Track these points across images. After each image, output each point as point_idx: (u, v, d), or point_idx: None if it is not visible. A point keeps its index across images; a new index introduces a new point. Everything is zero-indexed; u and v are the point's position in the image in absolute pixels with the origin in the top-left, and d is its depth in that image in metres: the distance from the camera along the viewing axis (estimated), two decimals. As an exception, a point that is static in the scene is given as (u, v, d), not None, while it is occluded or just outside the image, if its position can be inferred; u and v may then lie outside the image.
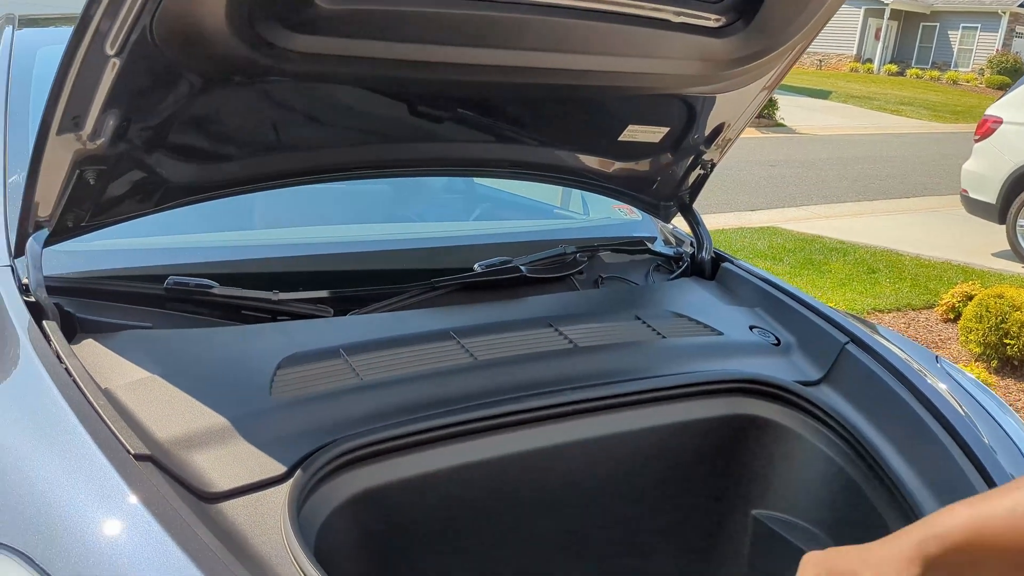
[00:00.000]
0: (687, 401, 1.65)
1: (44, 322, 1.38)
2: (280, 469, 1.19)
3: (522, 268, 1.87)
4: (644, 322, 1.79)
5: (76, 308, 1.52)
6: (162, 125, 1.41)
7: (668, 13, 1.61)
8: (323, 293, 1.65)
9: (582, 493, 1.55)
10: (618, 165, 2.09)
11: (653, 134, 2.03)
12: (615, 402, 1.56)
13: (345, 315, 1.64)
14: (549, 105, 1.88)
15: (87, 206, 1.48)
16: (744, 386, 1.66)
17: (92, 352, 1.40)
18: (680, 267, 2.22)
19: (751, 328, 1.90)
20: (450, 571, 1.41)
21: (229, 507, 1.12)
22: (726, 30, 1.67)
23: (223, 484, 1.15)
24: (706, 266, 2.18)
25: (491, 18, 1.48)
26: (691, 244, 2.26)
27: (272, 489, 1.16)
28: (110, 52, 1.21)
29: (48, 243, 1.51)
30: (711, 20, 1.65)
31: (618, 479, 1.59)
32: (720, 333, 1.83)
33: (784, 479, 1.68)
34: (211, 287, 1.59)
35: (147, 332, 1.48)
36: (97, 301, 1.56)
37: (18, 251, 1.51)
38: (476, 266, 1.85)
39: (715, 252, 2.23)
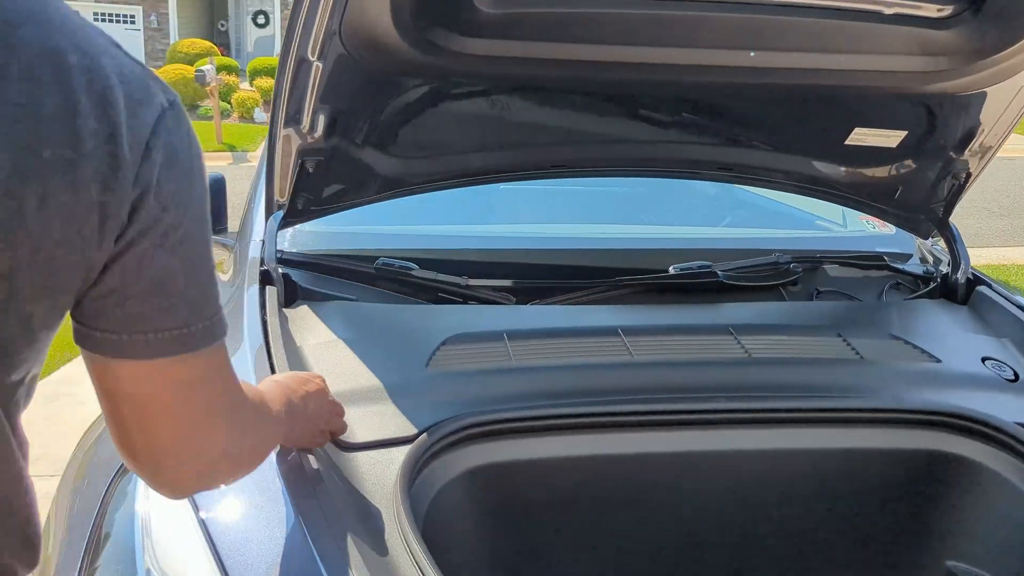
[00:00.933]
0: (874, 428, 1.50)
1: (267, 287, 1.64)
2: (412, 431, 1.30)
3: (719, 273, 1.82)
4: (845, 340, 1.65)
5: (302, 279, 1.78)
6: (367, 122, 1.60)
7: (880, 5, 1.48)
8: (508, 282, 1.75)
9: (736, 505, 1.48)
10: (848, 170, 1.93)
11: (887, 138, 1.85)
12: (781, 416, 1.46)
13: (526, 304, 1.73)
14: (761, 106, 1.81)
15: (312, 192, 1.72)
16: (947, 420, 1.47)
17: (301, 315, 1.62)
18: (925, 287, 2.00)
19: (983, 360, 1.67)
20: (564, 560, 1.42)
21: (361, 457, 1.25)
22: (951, 20, 1.49)
23: (360, 437, 1.28)
24: (959, 288, 1.94)
25: (670, 17, 1.48)
26: (947, 264, 2.02)
27: (400, 448, 1.27)
28: (312, 57, 1.41)
29: (284, 222, 1.78)
30: (932, 10, 1.48)
31: (781, 498, 1.49)
32: (938, 360, 1.63)
33: (991, 533, 1.46)
34: (411, 269, 1.77)
35: (349, 303, 1.69)
36: (320, 275, 1.81)
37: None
38: (671, 268, 1.84)
39: (972, 273, 1.97)
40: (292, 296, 1.71)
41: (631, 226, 2.26)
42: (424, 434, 1.27)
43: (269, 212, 1.78)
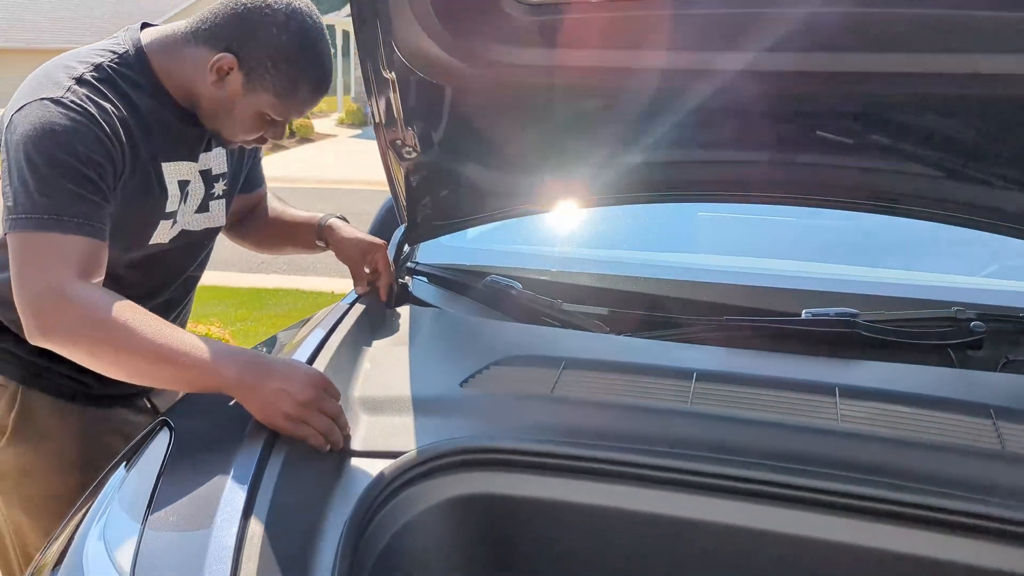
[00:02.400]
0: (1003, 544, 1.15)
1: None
2: (410, 447, 1.27)
3: (860, 323, 1.53)
4: (995, 424, 1.30)
5: (424, 289, 1.84)
6: (458, 137, 1.61)
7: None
8: (603, 311, 1.64)
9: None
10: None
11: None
12: (871, 507, 1.19)
13: (618, 335, 1.61)
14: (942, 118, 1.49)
15: (426, 207, 1.77)
16: None
17: (391, 319, 1.68)
18: None
19: None
20: None
21: (355, 463, 1.26)
22: None
23: (359, 444, 1.29)
24: None
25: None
26: None
27: (385, 461, 1.25)
28: (387, 73, 1.46)
29: (409, 235, 1.86)
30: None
31: None
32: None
33: None
34: (513, 288, 1.74)
35: (442, 313, 1.71)
36: (439, 287, 1.86)
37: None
38: (804, 313, 1.59)
39: None
40: (401, 301, 1.78)
41: (766, 260, 1.98)
42: (409, 453, 1.25)
43: (400, 224, 1.87)
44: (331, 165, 14.14)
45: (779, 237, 2.09)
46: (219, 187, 1.56)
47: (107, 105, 1.32)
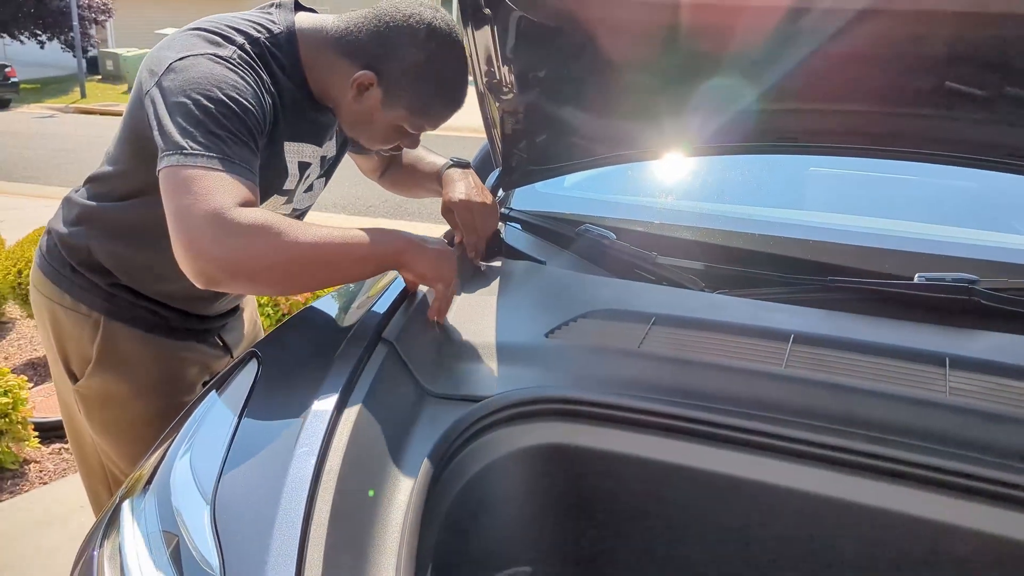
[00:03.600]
0: None
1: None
2: (491, 393, 1.26)
3: (978, 290, 1.42)
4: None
5: (518, 237, 1.81)
6: (556, 81, 1.55)
7: None
8: (699, 265, 1.57)
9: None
10: None
11: None
12: (976, 486, 1.11)
13: (713, 292, 1.54)
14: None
15: (522, 152, 1.73)
16: None
17: (490, 268, 1.66)
18: None
19: None
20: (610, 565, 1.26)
21: (435, 406, 1.26)
22: None
23: (440, 387, 1.29)
24: None
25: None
26: None
27: (471, 406, 1.24)
28: (485, 9, 1.41)
29: (503, 181, 1.83)
30: None
31: None
32: None
33: None
34: (607, 239, 1.69)
35: (532, 265, 1.68)
36: (534, 235, 1.83)
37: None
38: (916, 277, 1.48)
39: None
40: (496, 250, 1.76)
41: (878, 219, 1.84)
42: (489, 399, 1.23)
43: (495, 168, 1.84)
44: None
45: (893, 196, 1.95)
46: (326, 166, 1.63)
47: (263, 75, 1.37)
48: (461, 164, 1.76)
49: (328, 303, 1.49)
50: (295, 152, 1.50)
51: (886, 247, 1.64)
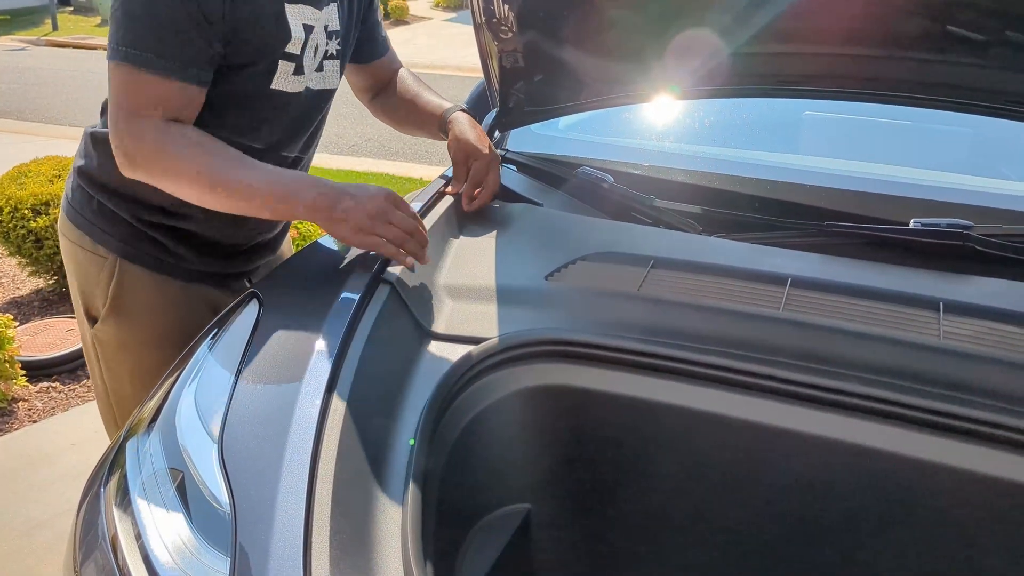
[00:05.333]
0: None
1: None
2: (492, 334, 1.27)
3: (973, 235, 1.43)
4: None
5: (514, 179, 1.80)
6: (559, 17, 1.53)
7: None
8: (696, 209, 1.58)
9: (879, 523, 1.20)
10: None
11: None
12: (969, 428, 1.13)
13: (710, 236, 1.55)
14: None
15: (519, 92, 1.71)
16: None
17: (488, 210, 1.65)
18: None
19: None
20: (616, 503, 1.29)
21: (436, 346, 1.27)
22: None
23: (441, 328, 1.30)
24: None
25: None
26: None
27: (474, 346, 1.25)
28: (487, -53, 1.38)
29: (499, 122, 1.81)
30: None
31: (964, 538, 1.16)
32: None
33: None
34: (604, 181, 1.68)
35: (530, 207, 1.68)
36: (529, 176, 1.82)
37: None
38: (911, 222, 1.49)
39: None
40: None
41: (874, 164, 1.85)
42: (492, 340, 1.24)
43: (491, 108, 1.82)
44: (425, 49, 13.94)
45: (889, 141, 1.95)
46: (333, 45, 1.53)
47: None
48: (462, 108, 1.70)
49: (331, 240, 1.49)
50: (296, 15, 1.42)
51: (882, 192, 1.65)
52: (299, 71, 1.46)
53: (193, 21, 1.27)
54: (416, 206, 1.57)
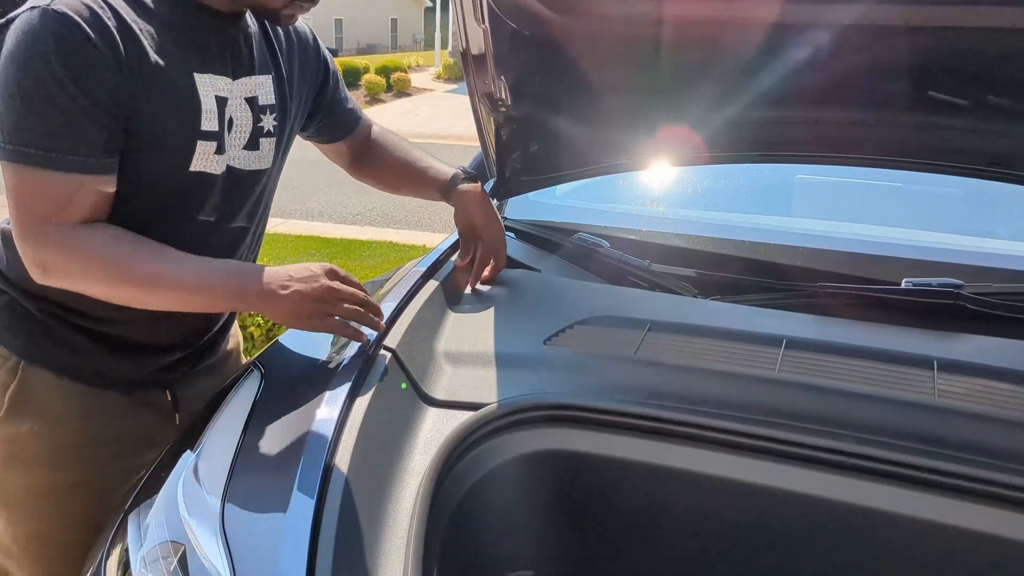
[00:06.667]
0: None
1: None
2: (491, 400, 1.28)
3: (964, 294, 1.45)
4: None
5: (514, 246, 1.83)
6: (552, 90, 1.58)
7: None
8: (691, 272, 1.60)
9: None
10: None
11: None
12: (965, 485, 1.14)
13: (706, 299, 1.57)
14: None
15: (516, 161, 1.76)
16: None
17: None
18: None
19: None
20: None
21: (435, 413, 1.28)
22: None
23: (441, 394, 1.31)
24: None
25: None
26: None
27: (473, 412, 1.26)
28: (481, 23, 1.44)
29: (497, 191, 1.85)
30: None
31: None
32: None
33: None
34: (601, 247, 1.72)
35: (528, 273, 1.70)
36: (527, 243, 1.85)
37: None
38: (903, 282, 1.52)
39: None
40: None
41: (866, 226, 1.88)
42: (491, 406, 1.26)
43: (488, 178, 1.86)
44: (427, 119, 14.24)
45: (880, 203, 1.99)
46: (268, 121, 1.39)
47: (99, 10, 1.15)
48: (471, 177, 1.63)
49: None
50: (208, 85, 1.27)
51: (874, 253, 1.68)
52: (220, 150, 1.31)
53: (81, 110, 1.14)
54: (420, 269, 1.61)
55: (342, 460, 1.09)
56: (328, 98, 1.58)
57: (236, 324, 1.69)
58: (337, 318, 1.27)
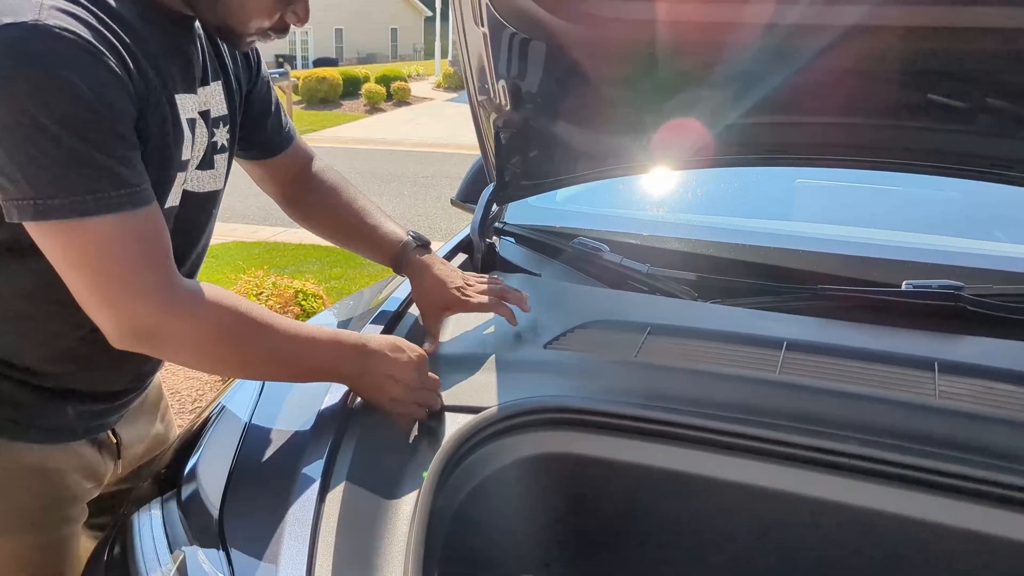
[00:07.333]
0: None
1: (473, 254, 1.73)
2: (492, 403, 1.28)
3: (965, 296, 1.45)
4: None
5: (512, 251, 1.84)
6: (551, 95, 1.58)
7: None
8: (691, 276, 1.60)
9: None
10: None
11: None
12: (966, 486, 1.14)
13: (707, 302, 1.57)
14: None
15: (516, 166, 1.76)
16: None
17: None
18: None
19: None
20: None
21: (436, 416, 1.28)
22: None
23: (443, 399, 1.31)
24: None
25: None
26: None
27: (473, 415, 1.26)
28: (480, 26, 1.44)
29: (496, 196, 1.86)
30: None
31: None
32: None
33: None
34: (601, 251, 1.72)
35: (528, 277, 1.71)
36: (527, 248, 1.85)
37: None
38: (904, 284, 1.52)
39: None
40: (490, 265, 1.78)
41: (866, 229, 1.88)
42: (492, 409, 1.25)
43: (488, 183, 1.87)
44: (427, 128, 14.26)
45: (880, 206, 1.99)
46: (221, 134, 1.21)
47: (95, 22, 0.96)
48: (423, 244, 1.47)
49: (328, 317, 1.51)
50: (188, 106, 1.12)
51: (874, 256, 1.68)
52: (185, 180, 1.16)
53: (117, 136, 0.96)
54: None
55: (342, 464, 1.09)
56: (267, 100, 1.38)
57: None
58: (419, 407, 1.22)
